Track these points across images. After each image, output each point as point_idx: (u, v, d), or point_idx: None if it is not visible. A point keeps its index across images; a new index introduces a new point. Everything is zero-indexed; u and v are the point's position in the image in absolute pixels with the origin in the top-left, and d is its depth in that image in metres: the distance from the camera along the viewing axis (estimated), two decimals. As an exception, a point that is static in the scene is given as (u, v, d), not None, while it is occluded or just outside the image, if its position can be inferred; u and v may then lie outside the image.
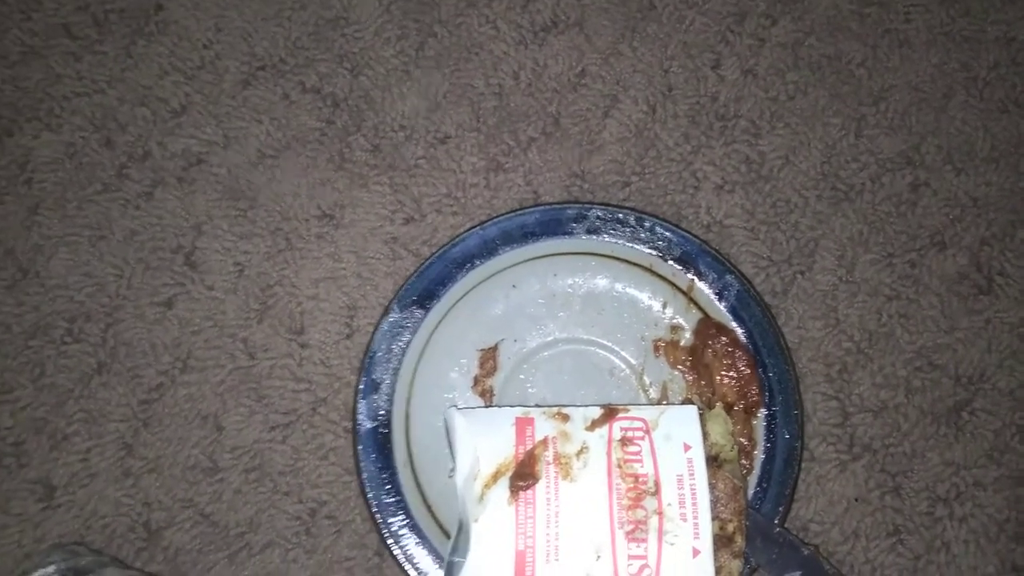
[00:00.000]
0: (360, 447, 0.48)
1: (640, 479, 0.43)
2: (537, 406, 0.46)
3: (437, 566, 0.46)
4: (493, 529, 0.42)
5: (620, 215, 0.51)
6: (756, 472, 0.48)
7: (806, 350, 0.52)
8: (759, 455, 0.48)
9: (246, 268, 0.53)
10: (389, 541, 0.47)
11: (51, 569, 0.45)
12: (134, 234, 0.54)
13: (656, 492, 0.43)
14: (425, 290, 0.50)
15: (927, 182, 0.55)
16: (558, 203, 0.52)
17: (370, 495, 0.47)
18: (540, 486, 0.43)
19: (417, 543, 0.47)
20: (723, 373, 0.49)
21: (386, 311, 0.49)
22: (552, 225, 0.51)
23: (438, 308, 0.50)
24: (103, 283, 0.53)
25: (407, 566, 0.47)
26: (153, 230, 0.54)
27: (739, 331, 0.49)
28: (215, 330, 0.53)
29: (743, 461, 0.48)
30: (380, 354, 0.49)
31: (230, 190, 0.55)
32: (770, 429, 0.48)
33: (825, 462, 0.51)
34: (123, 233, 0.54)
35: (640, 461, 0.44)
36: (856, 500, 0.50)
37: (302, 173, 0.55)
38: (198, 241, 0.54)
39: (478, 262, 0.50)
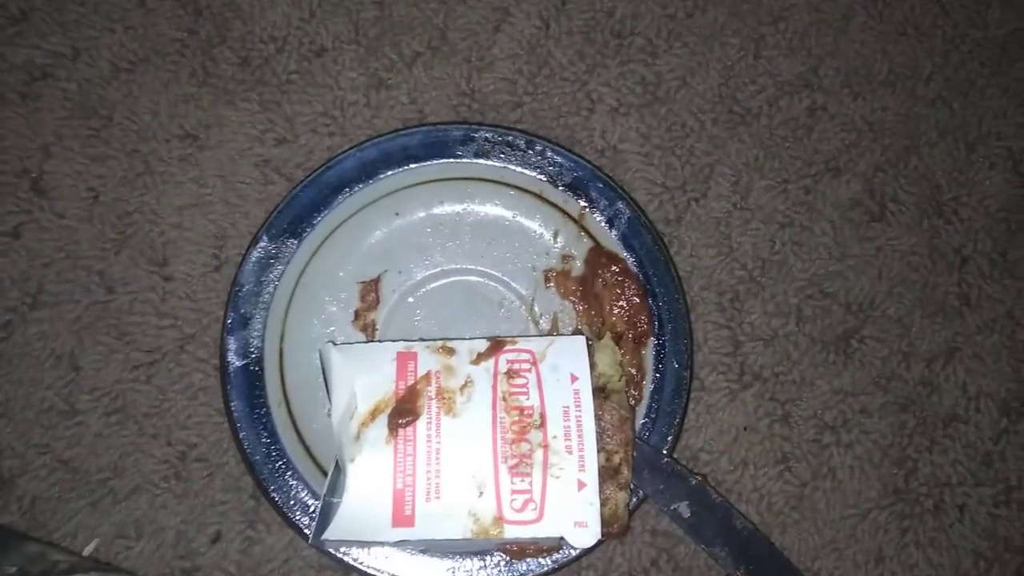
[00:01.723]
0: (230, 386, 0.45)
1: (525, 412, 0.42)
2: (421, 340, 0.44)
3: (315, 508, 0.44)
4: (370, 468, 0.40)
5: (510, 138, 0.48)
6: (645, 402, 0.47)
7: (698, 278, 0.51)
8: (648, 385, 0.47)
9: (101, 194, 0.49)
10: (265, 484, 0.44)
11: None
12: (-29, 156, 0.49)
13: (542, 425, 0.41)
14: (297, 217, 0.46)
15: (824, 106, 0.54)
16: (444, 123, 0.49)
17: (242, 436, 0.44)
18: (421, 423, 0.41)
19: (294, 485, 0.44)
20: (613, 303, 0.47)
21: (254, 240, 0.46)
22: (437, 147, 0.48)
23: (312, 237, 0.46)
24: (-64, 210, 0.48)
25: (284, 508, 0.44)
26: (-6, 152, 0.49)
27: (630, 260, 0.48)
28: (68, 262, 0.48)
29: (632, 391, 0.47)
30: (248, 287, 0.45)
31: (80, 107, 0.49)
32: (659, 359, 0.47)
33: (715, 391, 0.50)
34: (-42, 155, 0.48)
35: (526, 393, 0.42)
36: (745, 429, 0.50)
37: (161, 89, 0.50)
38: (46, 164, 0.49)
39: (356, 187, 0.47)
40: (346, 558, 0.43)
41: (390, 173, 0.47)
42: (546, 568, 0.44)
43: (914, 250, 0.53)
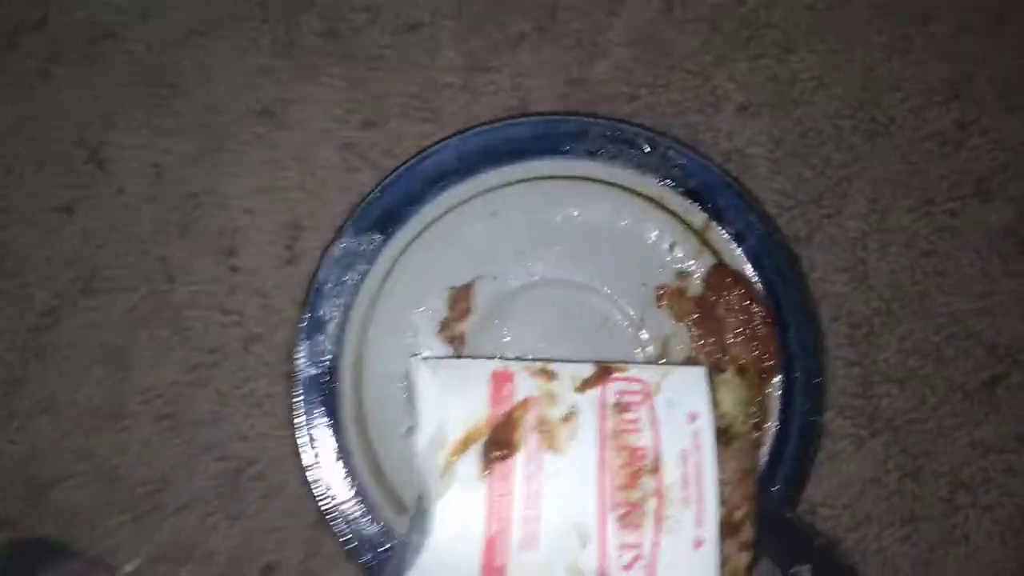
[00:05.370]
0: (299, 397, 0.40)
1: (637, 453, 0.36)
2: (518, 359, 0.39)
3: (385, 544, 0.39)
4: (460, 508, 0.35)
5: (628, 133, 0.42)
6: (767, 448, 0.41)
7: (828, 307, 0.45)
8: (772, 429, 0.41)
9: (165, 171, 0.44)
10: (329, 511, 0.39)
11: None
12: (26, 120, 0.44)
13: (656, 470, 0.36)
14: (388, 211, 0.41)
15: (976, 120, 0.47)
16: (553, 114, 0.44)
17: (308, 456, 0.40)
18: (519, 457, 0.35)
19: (362, 515, 0.40)
20: (736, 331, 0.42)
21: (339, 234, 0.41)
22: (545, 141, 0.42)
23: (402, 234, 0.41)
24: (-15, 179, 0.43)
25: (350, 540, 0.39)
26: (51, 117, 0.44)
27: (758, 282, 0.42)
28: (125, 245, 0.44)
29: (754, 434, 0.41)
30: (329, 286, 0.40)
31: (148, 73, 0.45)
32: (786, 399, 0.41)
33: (840, 437, 0.44)
34: (12, 119, 0.44)
35: (638, 432, 0.36)
36: (871, 482, 0.44)
37: (238, 58, 0.45)
38: (107, 134, 0.44)
39: (453, 181, 0.42)
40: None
41: (491, 167, 0.42)
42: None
43: (1071, 289, 0.46)
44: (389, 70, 0.45)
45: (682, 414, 0.37)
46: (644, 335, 0.43)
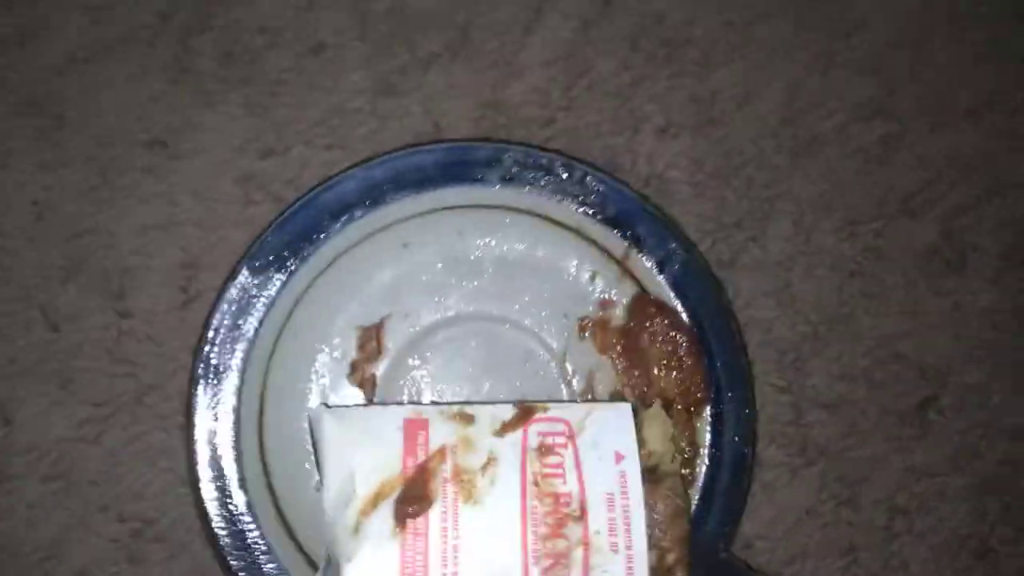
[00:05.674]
0: (197, 451, 0.37)
1: (562, 500, 0.34)
2: (433, 403, 0.37)
3: (297, 606, 0.37)
4: (371, 569, 0.33)
5: (544, 160, 0.40)
6: (698, 484, 0.40)
7: (755, 332, 0.44)
8: (702, 463, 0.40)
9: (47, 209, 0.41)
10: (237, 572, 0.37)
11: None
12: None
13: (581, 516, 0.34)
14: (288, 247, 0.38)
15: (899, 136, 0.47)
16: (466, 140, 0.42)
17: (211, 513, 0.37)
18: (435, 512, 0.34)
19: (272, 574, 0.37)
20: (661, 361, 0.40)
21: (233, 273, 0.38)
22: (458, 169, 0.40)
23: (304, 271, 0.39)
24: None
25: (259, 603, 0.37)
26: (-84, 152, 0.41)
27: (682, 310, 0.40)
28: (4, 290, 0.40)
29: (684, 471, 0.39)
30: (225, 331, 0.38)
31: (28, 103, 0.42)
32: (716, 432, 0.40)
33: (773, 467, 0.43)
34: None
35: (562, 476, 0.35)
36: (808, 513, 0.43)
37: (127, 85, 0.42)
38: (-20, 171, 0.41)
39: (359, 213, 0.39)
40: None
41: (400, 197, 0.40)
42: None
43: (997, 307, 0.46)
44: (291, 95, 0.43)
45: (607, 454, 0.35)
46: (569, 368, 0.41)
